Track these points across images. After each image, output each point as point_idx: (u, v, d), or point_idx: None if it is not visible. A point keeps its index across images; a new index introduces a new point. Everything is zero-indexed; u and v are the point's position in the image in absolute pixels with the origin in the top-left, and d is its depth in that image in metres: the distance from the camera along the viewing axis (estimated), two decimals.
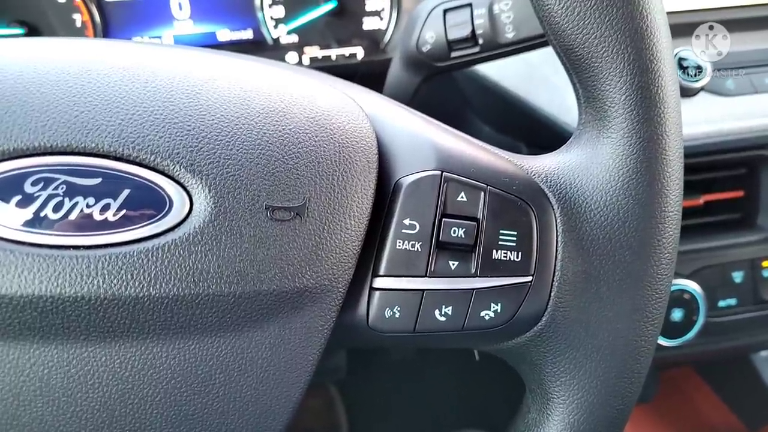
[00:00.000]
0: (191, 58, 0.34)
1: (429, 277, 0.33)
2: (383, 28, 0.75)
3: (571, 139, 0.37)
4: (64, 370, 0.29)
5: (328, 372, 1.02)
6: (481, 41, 0.46)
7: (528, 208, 0.34)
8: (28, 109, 0.29)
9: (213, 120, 0.30)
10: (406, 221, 0.33)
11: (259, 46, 0.74)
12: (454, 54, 0.48)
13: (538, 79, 0.63)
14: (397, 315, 0.33)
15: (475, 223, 0.33)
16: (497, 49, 0.47)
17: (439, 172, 0.34)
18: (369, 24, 0.75)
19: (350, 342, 0.35)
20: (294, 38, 0.75)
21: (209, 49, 0.38)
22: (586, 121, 0.35)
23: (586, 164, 0.35)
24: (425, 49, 0.48)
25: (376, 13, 0.75)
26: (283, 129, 0.31)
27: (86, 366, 0.29)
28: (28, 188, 0.28)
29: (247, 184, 0.30)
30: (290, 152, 0.31)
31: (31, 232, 0.28)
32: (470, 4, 0.46)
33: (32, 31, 0.70)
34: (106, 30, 0.72)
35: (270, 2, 0.72)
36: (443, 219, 0.33)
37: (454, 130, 0.37)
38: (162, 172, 0.29)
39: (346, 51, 0.75)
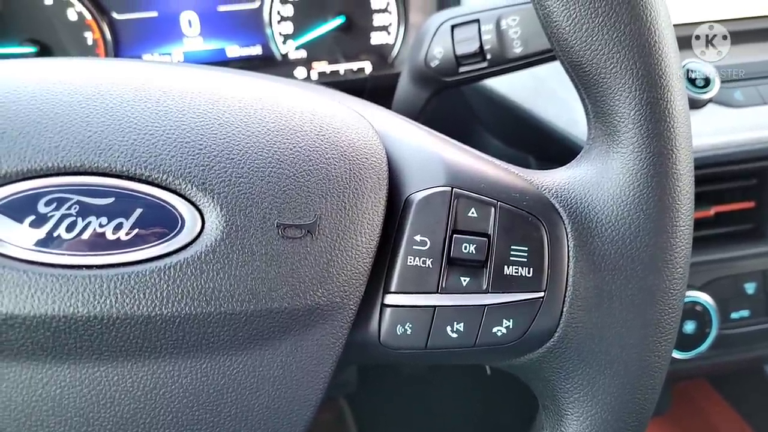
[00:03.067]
0: (201, 77, 0.34)
1: (440, 293, 0.33)
2: (391, 42, 0.76)
3: (580, 154, 0.37)
4: (77, 389, 0.29)
5: (338, 386, 1.02)
6: (489, 56, 0.47)
7: (539, 224, 0.34)
8: (42, 129, 0.29)
9: (224, 138, 0.31)
10: (417, 237, 0.33)
11: (268, 62, 0.75)
12: (462, 69, 0.48)
13: (545, 93, 0.63)
14: (408, 332, 0.33)
15: (485, 238, 0.33)
16: (505, 63, 0.47)
17: (450, 188, 0.34)
18: (377, 39, 0.75)
19: (362, 359, 0.35)
20: (302, 54, 0.75)
21: (219, 68, 0.39)
22: (596, 136, 0.35)
23: (596, 179, 0.35)
24: (433, 64, 0.48)
25: (384, 28, 0.75)
26: (294, 147, 0.32)
27: (98, 385, 0.29)
28: (42, 208, 0.28)
29: (259, 202, 0.30)
30: (301, 170, 0.31)
31: (45, 252, 0.28)
32: (478, 20, 0.47)
33: (44, 49, 0.70)
34: (117, 48, 0.72)
35: (279, 18, 0.73)
36: (454, 235, 0.33)
37: (464, 145, 0.37)
38: (174, 191, 0.30)
39: (354, 66, 0.75)
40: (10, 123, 0.29)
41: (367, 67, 0.76)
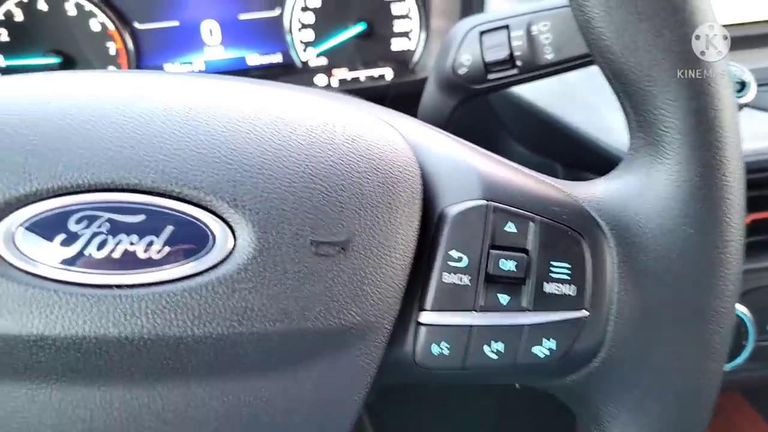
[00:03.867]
0: (230, 90, 0.33)
1: (478, 311, 0.32)
2: (412, 48, 0.75)
3: (621, 165, 0.36)
4: (107, 412, 0.28)
5: None
6: (519, 63, 0.45)
7: (580, 238, 0.33)
8: (72, 145, 0.29)
9: (255, 153, 0.30)
10: (453, 253, 0.32)
11: (288, 70, 0.74)
12: (491, 76, 0.47)
13: (574, 99, 0.62)
14: (444, 351, 0.32)
15: (525, 254, 0.32)
16: (536, 70, 0.46)
17: (486, 202, 0.32)
18: (397, 45, 0.75)
19: (396, 378, 0.34)
20: (323, 61, 0.74)
21: (247, 79, 0.38)
22: (638, 146, 0.34)
23: (639, 191, 0.33)
24: (461, 71, 0.47)
25: (405, 34, 0.74)
26: (326, 161, 0.31)
27: (129, 408, 0.29)
28: (72, 226, 0.28)
29: (291, 218, 0.29)
30: (334, 185, 0.30)
31: (75, 271, 0.27)
32: (507, 26, 0.45)
33: (67, 60, 0.70)
34: (138, 57, 0.72)
35: (299, 26, 0.73)
36: (491, 250, 0.32)
37: (498, 156, 0.36)
38: (205, 208, 0.29)
39: (375, 72, 0.75)
40: (40, 138, 0.29)
41: (388, 73, 0.75)
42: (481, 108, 0.73)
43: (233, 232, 0.29)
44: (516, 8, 0.46)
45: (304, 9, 0.72)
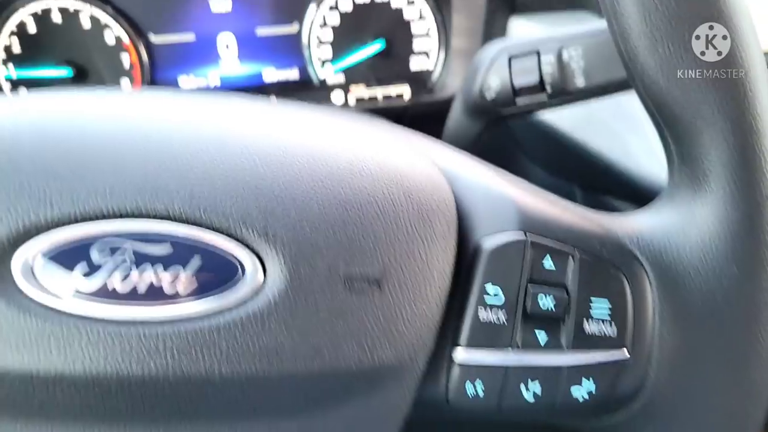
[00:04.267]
0: (261, 114, 0.32)
1: (514, 350, 0.30)
2: (431, 68, 0.74)
3: (661, 198, 0.34)
4: None
5: None
6: (549, 88, 0.44)
7: (621, 275, 0.31)
8: (95, 169, 0.27)
9: (286, 181, 0.29)
10: (489, 288, 0.31)
11: (305, 86, 0.73)
12: (519, 101, 0.46)
13: (596, 124, 0.60)
14: (479, 391, 0.30)
15: (564, 291, 0.31)
16: (566, 96, 0.44)
17: (524, 234, 0.31)
18: (416, 64, 0.74)
19: (428, 417, 0.32)
20: (340, 78, 0.73)
21: (276, 101, 0.37)
22: (680, 181, 0.33)
23: (681, 227, 0.32)
24: (489, 95, 0.46)
25: (424, 54, 0.73)
26: (360, 190, 0.29)
27: None
28: (94, 256, 0.26)
29: (324, 250, 0.28)
30: (368, 215, 0.29)
31: (97, 305, 0.26)
32: (537, 51, 0.44)
33: (80, 72, 0.69)
34: (153, 70, 0.71)
35: (317, 42, 0.72)
36: (529, 286, 0.31)
37: (533, 185, 0.35)
38: (234, 238, 0.27)
39: (393, 91, 0.74)
40: (61, 161, 0.27)
41: (406, 92, 0.74)
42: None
43: (263, 264, 0.27)
44: (546, 33, 0.45)
45: (323, 25, 0.71)
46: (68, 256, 0.26)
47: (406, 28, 0.72)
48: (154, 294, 0.26)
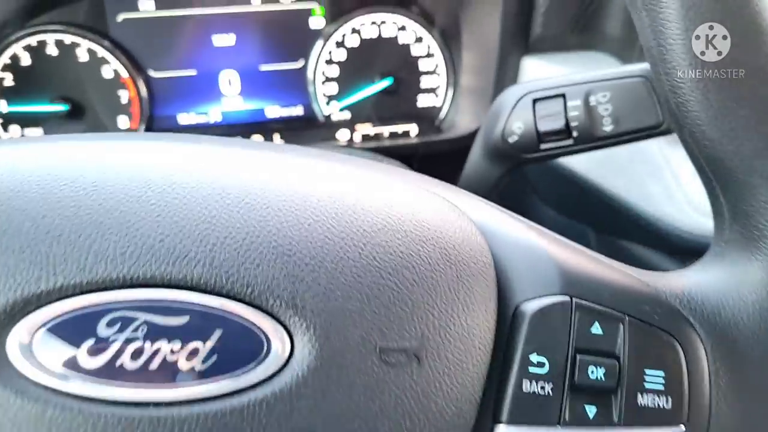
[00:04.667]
0: (285, 166, 0.30)
1: (562, 426, 0.28)
2: (438, 105, 0.72)
3: (709, 256, 0.32)
4: None
5: None
6: (575, 134, 0.42)
7: (674, 342, 0.29)
8: (104, 231, 0.25)
9: (315, 243, 0.26)
10: (533, 358, 0.28)
11: (309, 123, 0.71)
12: (544, 146, 0.44)
13: (613, 165, 0.59)
14: None
15: (614, 360, 0.28)
16: (593, 142, 0.43)
17: (569, 298, 0.29)
18: (423, 101, 0.72)
19: None
20: (346, 115, 0.72)
21: (296, 149, 0.34)
22: (732, 238, 0.31)
23: (735, 288, 0.30)
24: (512, 140, 0.44)
25: (432, 91, 0.72)
26: (395, 252, 0.27)
27: None
28: (103, 331, 0.23)
29: (357, 320, 0.25)
30: (404, 280, 0.26)
31: (105, 386, 0.23)
32: (563, 95, 0.43)
33: (75, 107, 0.67)
34: (152, 106, 0.69)
35: (323, 79, 0.70)
36: (577, 355, 0.28)
37: (573, 243, 0.32)
38: (259, 308, 0.25)
39: (400, 129, 0.72)
40: (66, 222, 0.24)
41: (413, 130, 0.72)
42: None
43: (291, 337, 0.25)
44: (571, 76, 0.43)
45: (329, 62, 0.69)
46: (73, 331, 0.23)
47: (414, 65, 0.71)
48: (170, 372, 0.23)
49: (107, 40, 0.66)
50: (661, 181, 0.56)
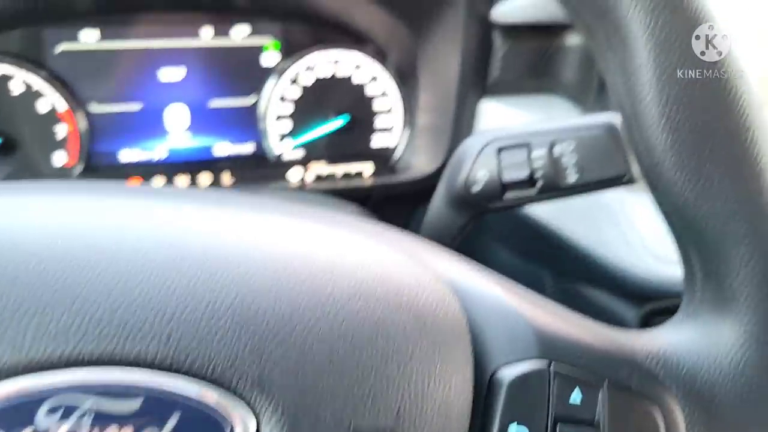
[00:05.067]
0: (245, 224, 0.28)
1: None
2: (393, 145, 0.71)
3: (682, 314, 0.32)
4: None
5: None
6: (539, 183, 0.42)
7: (652, 407, 0.28)
8: (47, 302, 0.22)
9: (283, 313, 0.24)
10: (513, 428, 0.27)
11: (260, 162, 0.69)
12: (507, 195, 0.43)
13: (569, 210, 0.59)
14: None
15: (594, 429, 0.27)
16: (556, 191, 0.42)
17: (547, 363, 0.28)
18: (378, 141, 0.71)
19: None
20: (299, 154, 0.69)
21: (256, 204, 0.32)
22: (705, 298, 0.31)
23: (710, 350, 0.30)
24: (475, 188, 0.43)
25: (387, 130, 0.71)
26: (368, 320, 0.25)
27: None
28: (42, 420, 0.21)
29: (329, 398, 0.23)
30: (378, 351, 0.25)
31: None
32: (528, 144, 0.42)
33: (7, 143, 0.62)
34: (91, 142, 0.65)
35: (276, 116, 0.68)
36: (558, 424, 0.27)
37: (543, 297, 0.31)
38: (222, 386, 0.22)
39: (353, 168, 0.70)
40: (3, 293, 0.22)
41: (367, 170, 0.71)
42: None
43: (257, 418, 0.22)
44: (535, 125, 0.43)
45: (282, 99, 0.67)
46: (8, 421, 0.20)
47: (369, 105, 0.70)
48: None
49: (44, 71, 0.62)
50: (618, 226, 0.56)
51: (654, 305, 0.59)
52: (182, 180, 0.67)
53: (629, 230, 0.56)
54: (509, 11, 0.56)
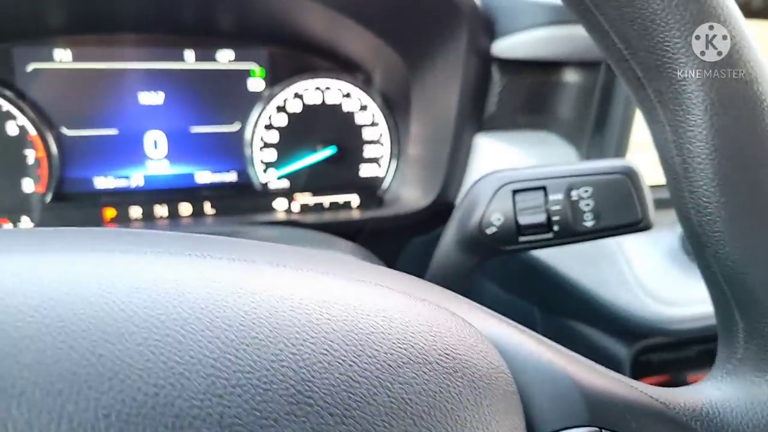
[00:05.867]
0: (271, 285, 0.25)
1: None
2: (381, 176, 0.69)
3: (720, 372, 0.31)
4: None
5: None
6: (556, 228, 0.41)
7: None
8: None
9: (338, 389, 0.22)
10: None
11: (243, 191, 0.66)
12: (523, 238, 0.42)
13: (566, 248, 0.58)
14: None
15: None
16: (573, 236, 0.41)
17: (598, 431, 0.26)
18: (366, 171, 0.69)
19: None
20: (284, 183, 0.67)
21: (269, 253, 0.29)
22: (747, 357, 0.30)
23: (752, 408, 0.29)
24: (490, 231, 0.42)
25: (375, 161, 0.69)
26: (425, 389, 0.23)
27: None
28: None
29: None
30: (437, 425, 0.23)
31: None
32: (544, 187, 0.41)
33: None
34: (62, 168, 0.60)
35: (262, 144, 0.65)
36: None
37: (588, 361, 0.30)
38: None
39: (341, 199, 0.68)
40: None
41: (354, 200, 0.69)
42: None
43: None
44: (551, 168, 0.42)
45: (268, 127, 0.65)
46: None
47: (357, 134, 0.68)
48: None
49: (13, 92, 0.58)
50: (615, 265, 0.56)
51: (646, 342, 0.59)
52: (161, 210, 0.63)
53: (626, 269, 0.56)
54: (510, 46, 0.56)
